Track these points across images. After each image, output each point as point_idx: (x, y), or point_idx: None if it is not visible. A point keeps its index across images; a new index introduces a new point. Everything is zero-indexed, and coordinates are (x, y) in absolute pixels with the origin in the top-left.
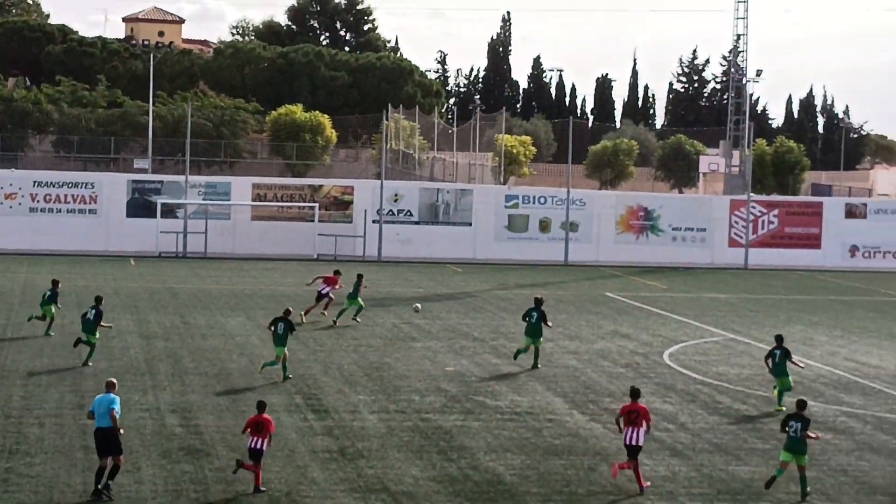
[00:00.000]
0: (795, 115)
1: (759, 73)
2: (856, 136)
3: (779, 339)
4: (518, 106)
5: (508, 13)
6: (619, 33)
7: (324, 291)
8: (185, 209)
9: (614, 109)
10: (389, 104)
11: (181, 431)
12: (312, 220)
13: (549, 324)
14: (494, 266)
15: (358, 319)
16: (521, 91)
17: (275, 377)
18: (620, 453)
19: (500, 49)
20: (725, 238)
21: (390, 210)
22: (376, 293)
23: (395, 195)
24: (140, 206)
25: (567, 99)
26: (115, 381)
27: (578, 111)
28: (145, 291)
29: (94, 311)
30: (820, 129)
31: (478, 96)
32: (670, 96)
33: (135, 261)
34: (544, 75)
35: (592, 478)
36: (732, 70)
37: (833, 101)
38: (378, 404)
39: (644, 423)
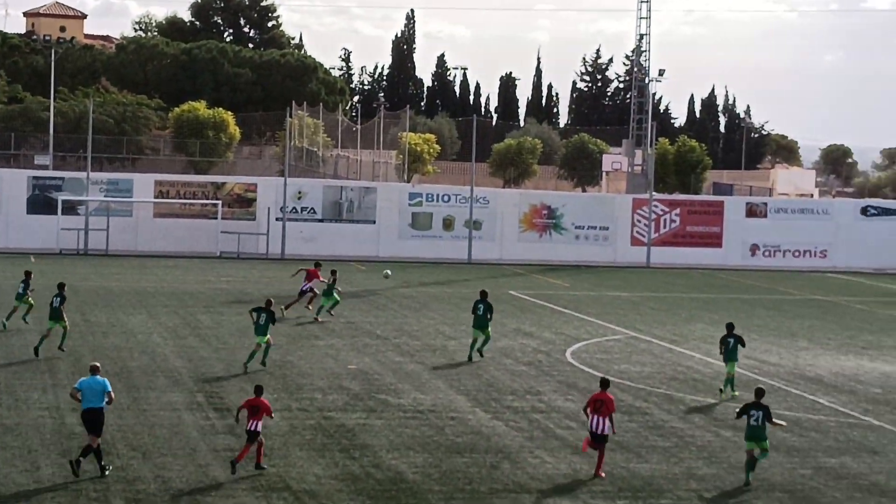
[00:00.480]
0: (697, 115)
1: (661, 72)
2: (757, 135)
3: (730, 326)
4: (422, 104)
5: (412, 11)
6: (523, 32)
7: (305, 288)
8: (87, 206)
9: (518, 108)
10: (293, 101)
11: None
12: (215, 218)
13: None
14: (398, 264)
15: (331, 313)
16: (425, 89)
17: (177, 375)
18: (523, 450)
19: (405, 47)
20: (628, 236)
21: (294, 208)
22: (280, 290)
23: (299, 193)
24: (41, 202)
25: (471, 97)
26: (98, 364)
27: (482, 109)
28: (45, 289)
29: (58, 298)
30: (722, 128)
31: (382, 94)
32: (574, 95)
33: (35, 258)
34: (448, 73)
35: (495, 475)
36: (635, 69)
37: (734, 101)
38: (280, 402)
39: (610, 412)
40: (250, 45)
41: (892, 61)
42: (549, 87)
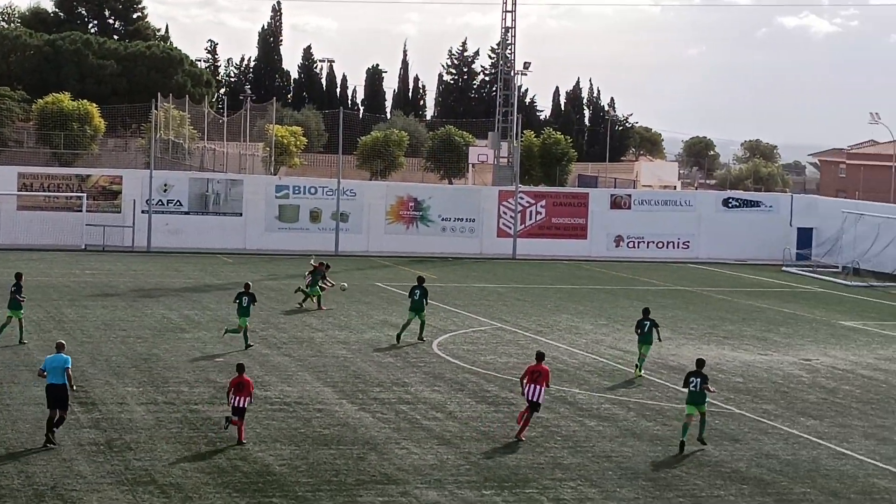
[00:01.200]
0: (563, 108)
1: (527, 65)
2: (621, 128)
3: (646, 311)
4: (289, 96)
5: (279, 3)
6: (391, 25)
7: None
8: None
9: (385, 100)
10: (159, 93)
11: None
12: (80, 210)
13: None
14: (265, 256)
15: (323, 307)
16: (292, 81)
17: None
18: (390, 441)
19: (271, 39)
20: (494, 228)
21: (160, 200)
22: (145, 284)
23: (165, 185)
24: None
25: (338, 90)
26: (63, 342)
27: (349, 102)
28: None
29: (16, 287)
30: (586, 121)
31: (248, 86)
32: (440, 88)
33: None
34: (315, 66)
35: (361, 467)
36: (501, 62)
37: (599, 94)
38: (146, 396)
39: (544, 383)
40: (115, 37)
41: (753, 55)
42: (416, 79)
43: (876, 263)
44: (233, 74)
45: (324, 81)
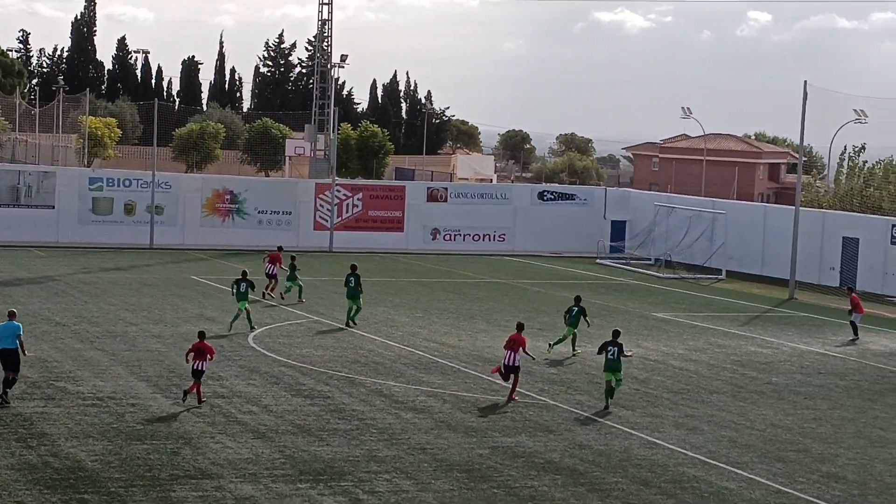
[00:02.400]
0: (380, 101)
1: (343, 58)
2: (438, 121)
3: (577, 298)
4: (103, 88)
5: None
6: (208, 17)
7: (272, 272)
8: None
9: (201, 92)
10: None
11: None
12: None
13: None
14: (78, 249)
15: (303, 299)
16: (106, 72)
17: None
18: (204, 435)
19: (85, 29)
20: (311, 221)
21: None
22: None
23: None
24: None
25: (153, 81)
26: (15, 311)
27: (165, 93)
28: None
29: None
30: (404, 114)
31: (61, 77)
32: (257, 80)
33: None
34: (130, 57)
35: (176, 461)
36: (318, 55)
37: (416, 87)
38: None
39: (520, 349)
40: None
41: (569, 49)
42: (233, 71)
43: (687, 256)
44: (45, 65)
45: (139, 73)
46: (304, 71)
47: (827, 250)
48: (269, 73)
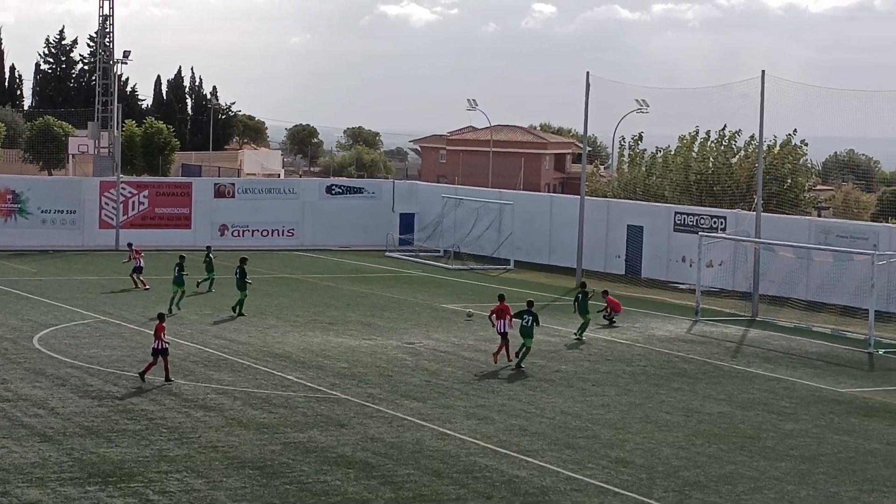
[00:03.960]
0: (165, 96)
1: (126, 54)
2: (224, 116)
3: (583, 284)
4: None
5: None
6: None
7: (141, 265)
8: None
9: None
10: None
11: None
12: None
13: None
14: None
15: (213, 290)
16: None
17: None
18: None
19: None
20: (96, 220)
21: None
22: None
23: None
24: None
25: None
26: None
27: None
28: None
29: None
30: (189, 110)
31: None
32: (38, 77)
33: None
34: None
35: None
36: (100, 51)
37: (201, 82)
38: None
39: (507, 317)
40: None
41: (356, 43)
42: (13, 68)
43: (476, 247)
44: None
45: None
46: (86, 68)
47: (612, 238)
48: (50, 71)
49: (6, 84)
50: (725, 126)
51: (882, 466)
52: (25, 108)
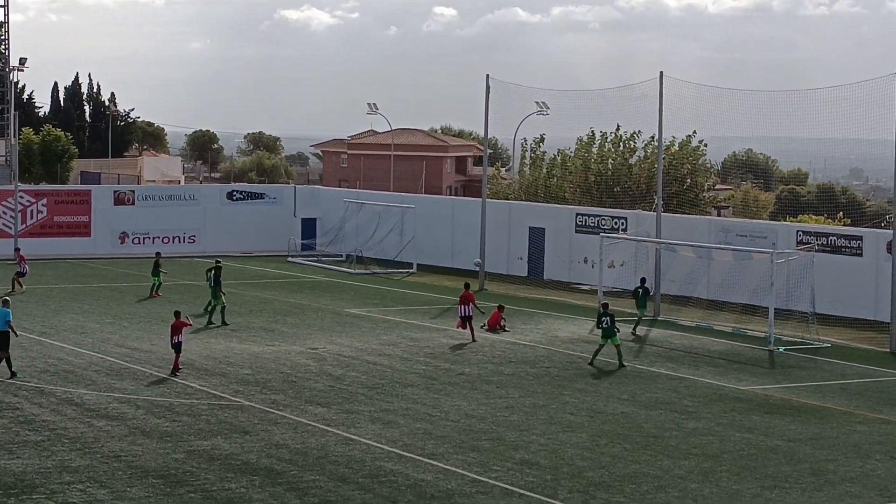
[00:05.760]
0: (62, 103)
1: (23, 61)
2: (123, 123)
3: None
4: None
5: None
6: None
7: (25, 270)
8: None
9: None
10: None
11: None
12: None
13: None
14: None
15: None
16: None
17: None
18: None
19: None
20: None
21: None
22: None
23: None
24: None
25: None
26: (8, 298)
27: None
28: None
29: None
30: (88, 116)
31: None
32: None
33: None
34: None
35: None
36: None
37: (100, 89)
38: None
39: (471, 303)
40: None
41: (256, 48)
42: None
43: (378, 251)
44: None
45: None
46: None
47: (514, 241)
48: None
49: None
50: (619, 127)
51: (783, 463)
52: None
